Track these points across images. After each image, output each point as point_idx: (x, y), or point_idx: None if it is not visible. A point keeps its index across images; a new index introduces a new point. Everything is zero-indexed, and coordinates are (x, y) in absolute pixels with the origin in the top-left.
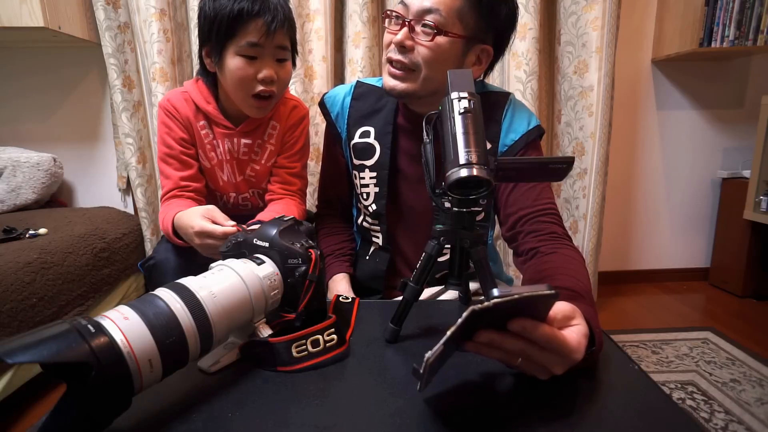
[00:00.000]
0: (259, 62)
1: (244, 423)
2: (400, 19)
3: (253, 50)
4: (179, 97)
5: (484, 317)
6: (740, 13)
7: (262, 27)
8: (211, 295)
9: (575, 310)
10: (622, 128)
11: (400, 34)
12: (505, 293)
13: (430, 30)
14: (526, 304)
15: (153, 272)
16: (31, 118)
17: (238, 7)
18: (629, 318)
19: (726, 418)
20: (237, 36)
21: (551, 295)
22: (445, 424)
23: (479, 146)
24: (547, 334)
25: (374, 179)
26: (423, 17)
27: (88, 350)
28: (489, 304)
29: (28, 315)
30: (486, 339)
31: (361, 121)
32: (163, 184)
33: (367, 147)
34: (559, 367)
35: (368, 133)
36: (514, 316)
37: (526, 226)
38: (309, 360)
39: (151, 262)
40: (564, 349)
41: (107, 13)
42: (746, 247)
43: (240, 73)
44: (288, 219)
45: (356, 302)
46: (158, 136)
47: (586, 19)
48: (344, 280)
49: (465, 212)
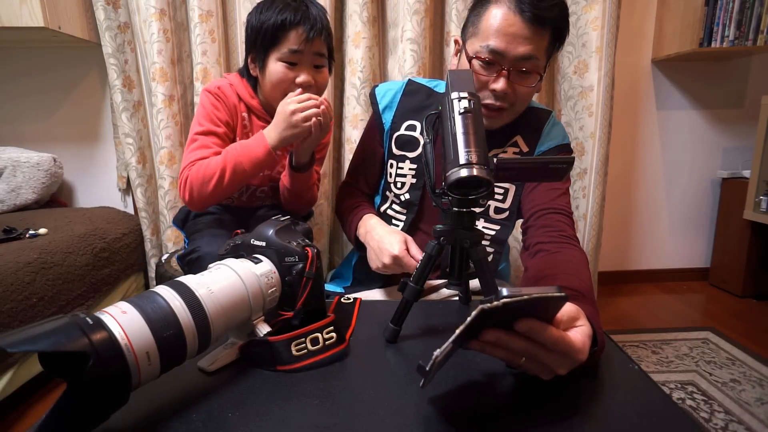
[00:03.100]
0: (298, 68)
1: (244, 422)
2: (494, 65)
3: (294, 56)
4: (225, 86)
5: (492, 317)
6: (740, 13)
7: (302, 35)
8: (209, 292)
9: (579, 311)
10: (622, 128)
11: (501, 83)
12: (515, 293)
13: (532, 75)
14: (534, 305)
15: (194, 266)
16: (31, 118)
17: (281, 18)
18: (629, 318)
19: (726, 418)
20: (279, 44)
21: (560, 297)
22: (446, 424)
23: (479, 146)
24: (554, 336)
25: (413, 170)
26: (522, 65)
27: (87, 341)
28: (498, 304)
29: (28, 315)
30: (492, 338)
31: (407, 115)
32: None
33: (412, 140)
34: (563, 368)
35: (414, 127)
36: (521, 317)
37: (539, 220)
38: (308, 358)
39: (194, 255)
40: (570, 351)
41: (107, 13)
42: (746, 247)
43: (280, 76)
44: (284, 219)
45: (358, 302)
46: (199, 116)
47: (586, 19)
48: (375, 217)
49: (465, 212)
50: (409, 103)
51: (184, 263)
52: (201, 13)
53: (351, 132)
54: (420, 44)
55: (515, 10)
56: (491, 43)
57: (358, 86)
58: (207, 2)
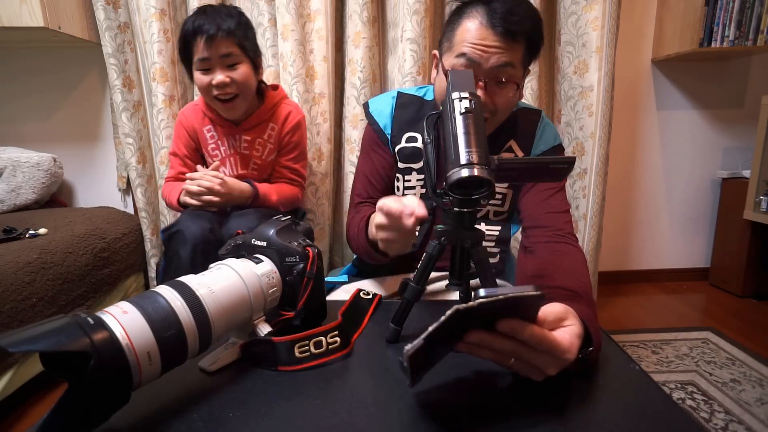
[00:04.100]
0: (212, 72)
1: (245, 422)
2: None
3: (204, 63)
4: (191, 108)
5: (472, 317)
6: (740, 13)
7: (204, 43)
8: (210, 292)
9: (568, 310)
10: (622, 128)
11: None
12: (490, 293)
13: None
14: (513, 304)
15: (173, 239)
16: (31, 118)
17: (184, 32)
18: (629, 318)
19: (726, 418)
20: (191, 55)
21: (537, 296)
22: (446, 424)
23: (480, 146)
24: (536, 334)
25: (421, 181)
26: (498, 75)
27: (88, 341)
28: (474, 304)
29: (28, 315)
30: (476, 339)
31: (405, 128)
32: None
33: (415, 151)
34: (552, 368)
35: (415, 139)
36: (503, 317)
37: (536, 221)
38: (310, 361)
39: (175, 228)
40: (555, 350)
41: (107, 13)
42: (746, 247)
43: (199, 83)
44: (285, 219)
45: (376, 300)
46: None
47: (586, 19)
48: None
49: (466, 212)
50: (404, 116)
51: (166, 236)
52: None
53: (351, 132)
54: (420, 44)
55: (487, 24)
56: (466, 53)
57: (358, 86)
58: (207, 2)
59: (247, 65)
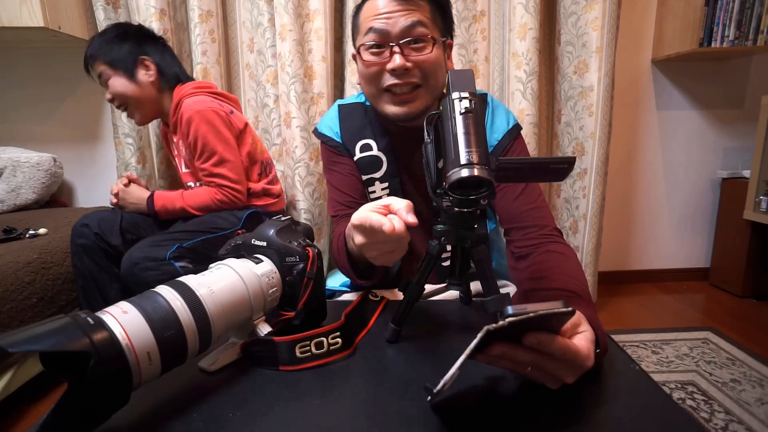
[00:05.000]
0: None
1: (245, 422)
2: (381, 47)
3: (100, 82)
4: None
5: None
6: (740, 13)
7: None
8: (210, 292)
9: (581, 316)
10: (622, 128)
11: (398, 59)
12: (520, 311)
13: (425, 42)
14: (540, 321)
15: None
16: (31, 118)
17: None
18: (629, 318)
19: (726, 418)
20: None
21: (567, 312)
22: (446, 424)
23: (480, 146)
24: (562, 345)
25: (386, 190)
26: (410, 34)
27: (88, 341)
28: (504, 323)
29: (28, 315)
30: (499, 352)
31: (356, 137)
32: None
33: (373, 159)
34: (571, 377)
35: (369, 146)
36: (528, 331)
37: (514, 222)
38: (311, 361)
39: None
40: (577, 359)
41: (107, 13)
42: (746, 247)
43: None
44: (285, 219)
45: (383, 303)
46: None
47: (586, 19)
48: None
49: (466, 212)
50: (352, 126)
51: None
52: (201, 13)
53: None
54: None
55: None
56: (373, 26)
57: (357, 86)
58: (207, 2)
59: (116, 77)
